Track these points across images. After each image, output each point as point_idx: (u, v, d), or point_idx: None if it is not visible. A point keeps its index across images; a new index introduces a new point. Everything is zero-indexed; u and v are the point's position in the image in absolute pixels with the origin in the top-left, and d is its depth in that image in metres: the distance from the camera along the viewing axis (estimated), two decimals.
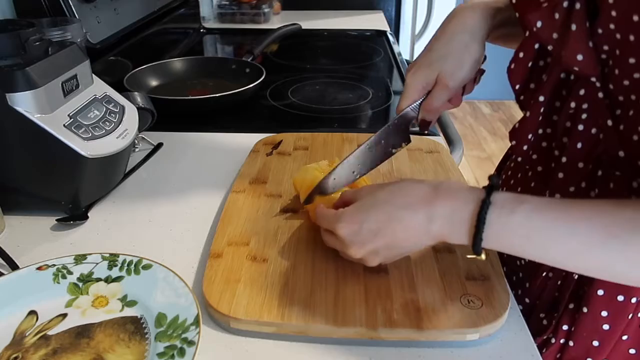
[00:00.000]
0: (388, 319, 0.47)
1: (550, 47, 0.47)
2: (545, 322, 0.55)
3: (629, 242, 0.39)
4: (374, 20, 1.80)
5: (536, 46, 0.51)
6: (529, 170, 0.58)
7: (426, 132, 0.64)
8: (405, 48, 2.06)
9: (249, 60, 1.17)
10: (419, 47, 2.24)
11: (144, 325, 0.47)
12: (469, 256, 0.49)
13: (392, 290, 0.50)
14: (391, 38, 1.57)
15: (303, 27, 1.48)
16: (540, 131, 0.54)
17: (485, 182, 0.45)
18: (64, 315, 0.49)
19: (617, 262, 0.40)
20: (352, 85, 1.18)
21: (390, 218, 0.46)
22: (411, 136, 0.62)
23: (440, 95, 0.58)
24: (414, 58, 2.19)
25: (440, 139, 0.86)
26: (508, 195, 0.43)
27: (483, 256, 0.43)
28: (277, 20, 1.83)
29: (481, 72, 0.61)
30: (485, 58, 0.59)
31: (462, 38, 0.57)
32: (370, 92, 1.12)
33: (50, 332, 0.47)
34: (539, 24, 0.46)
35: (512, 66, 0.53)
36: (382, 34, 1.64)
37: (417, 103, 0.60)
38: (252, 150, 0.79)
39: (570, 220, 0.40)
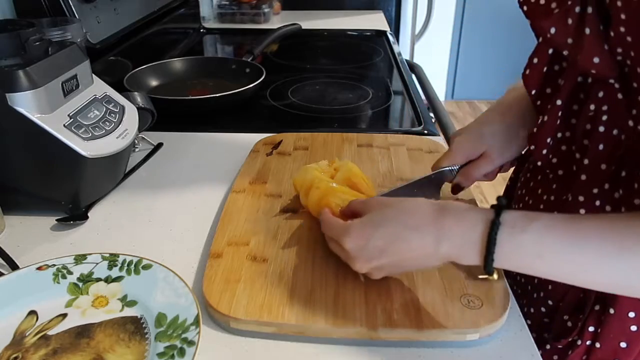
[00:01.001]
0: (388, 319, 0.47)
1: (565, 52, 0.47)
2: (569, 323, 0.55)
3: None
4: (374, 20, 1.80)
5: (550, 51, 0.51)
6: (549, 174, 0.58)
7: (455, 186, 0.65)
8: (405, 48, 2.06)
9: (249, 60, 1.17)
10: (419, 47, 2.25)
11: (144, 325, 0.47)
12: (480, 276, 0.49)
13: (392, 290, 0.50)
14: (391, 38, 1.57)
15: (303, 27, 1.48)
16: (559, 135, 0.54)
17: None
18: (64, 315, 0.49)
19: (630, 275, 0.40)
20: (352, 85, 1.18)
21: (397, 237, 0.46)
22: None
23: (483, 168, 0.61)
24: (414, 58, 2.19)
25: (440, 139, 0.86)
26: (517, 213, 0.43)
27: (495, 276, 0.44)
28: (277, 20, 1.83)
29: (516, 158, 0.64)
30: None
31: (514, 120, 0.60)
32: (370, 92, 1.12)
33: (50, 332, 0.47)
34: (552, 30, 0.46)
35: (527, 72, 0.54)
36: (382, 34, 1.64)
37: (457, 167, 0.62)
38: (252, 150, 0.79)
39: (581, 235, 0.41)
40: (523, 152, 0.63)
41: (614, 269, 0.40)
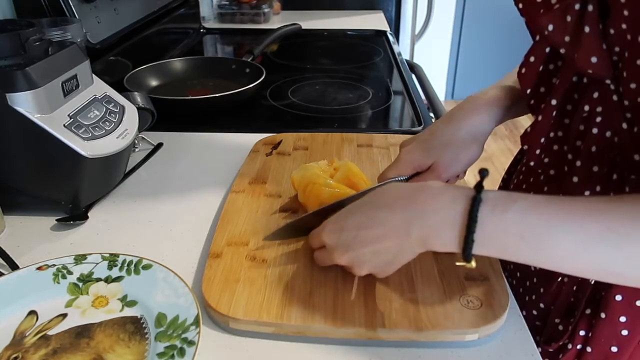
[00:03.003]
0: (387, 319, 0.47)
1: (562, 51, 0.46)
2: (561, 327, 0.54)
3: (630, 235, 0.36)
4: (374, 20, 1.80)
5: (547, 50, 0.51)
6: (541, 174, 0.57)
7: None
8: (405, 48, 2.06)
9: (249, 60, 1.17)
10: (419, 47, 2.25)
11: (144, 325, 0.47)
12: (457, 263, 0.44)
13: (392, 291, 0.50)
14: (391, 38, 1.57)
15: (303, 27, 1.48)
16: (552, 135, 0.53)
17: (486, 184, 0.43)
18: (64, 315, 0.49)
19: (616, 259, 0.37)
20: (352, 85, 1.18)
21: (368, 219, 0.45)
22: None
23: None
24: (414, 58, 2.17)
25: None
26: (500, 193, 0.41)
27: (473, 263, 0.40)
28: (277, 20, 1.83)
29: (465, 171, 0.62)
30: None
31: (465, 135, 0.58)
32: (370, 92, 1.12)
33: (50, 332, 0.47)
34: (550, 27, 0.45)
35: (523, 70, 0.53)
36: (382, 34, 1.64)
37: (403, 178, 0.60)
38: (252, 150, 0.79)
39: (566, 216, 0.38)
40: (517, 153, 0.63)
41: (598, 252, 0.37)
